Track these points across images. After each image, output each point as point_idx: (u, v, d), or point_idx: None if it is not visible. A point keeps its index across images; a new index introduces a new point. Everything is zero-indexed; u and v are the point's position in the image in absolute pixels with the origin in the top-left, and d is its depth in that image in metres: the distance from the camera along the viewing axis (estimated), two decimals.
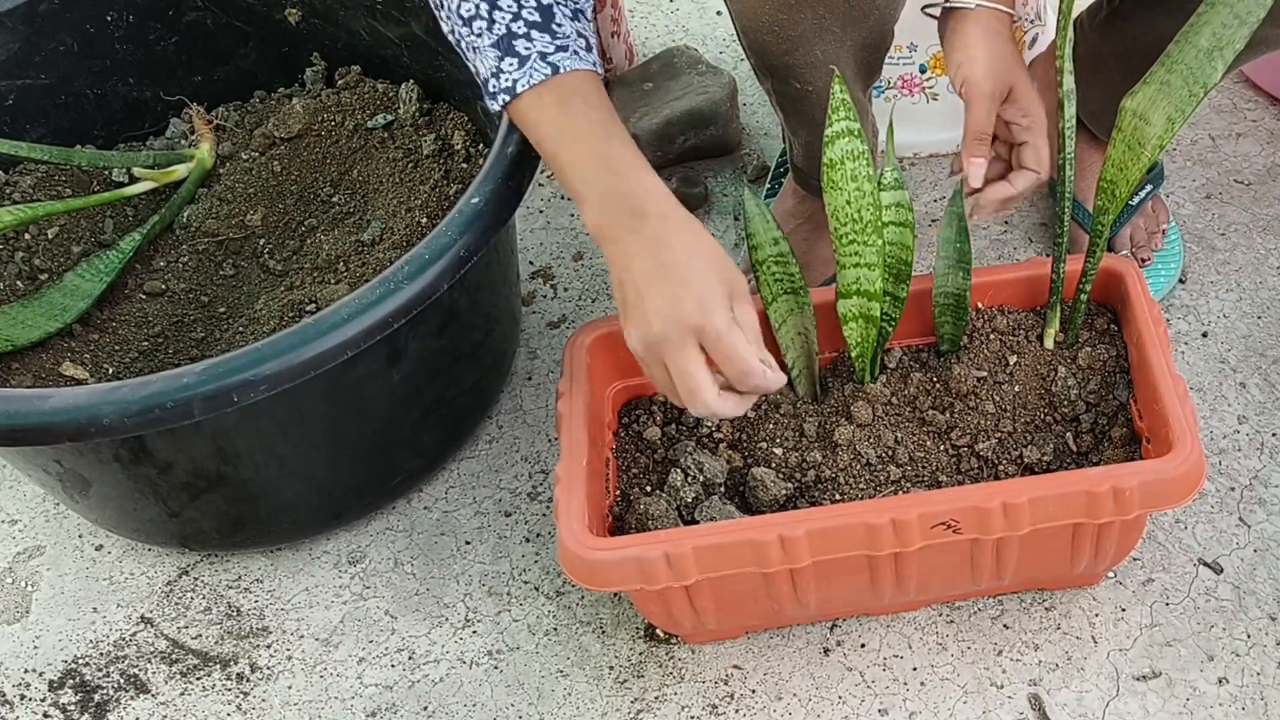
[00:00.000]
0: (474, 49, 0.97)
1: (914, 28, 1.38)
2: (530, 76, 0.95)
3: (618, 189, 0.94)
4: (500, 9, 0.95)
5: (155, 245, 1.39)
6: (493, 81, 0.96)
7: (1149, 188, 1.34)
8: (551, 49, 0.95)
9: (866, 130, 1.20)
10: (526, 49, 0.95)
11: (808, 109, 1.14)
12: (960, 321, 1.09)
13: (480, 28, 0.95)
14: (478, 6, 0.95)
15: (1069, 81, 1.01)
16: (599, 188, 0.94)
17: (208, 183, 1.44)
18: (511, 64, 0.95)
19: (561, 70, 0.95)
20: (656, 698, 1.11)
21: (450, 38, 0.99)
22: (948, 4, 1.03)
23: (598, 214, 0.94)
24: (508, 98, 0.96)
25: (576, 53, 0.96)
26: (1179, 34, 0.95)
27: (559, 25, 0.96)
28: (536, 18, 0.95)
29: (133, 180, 1.41)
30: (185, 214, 1.41)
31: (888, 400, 1.09)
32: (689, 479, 1.06)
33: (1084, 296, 1.07)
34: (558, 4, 0.96)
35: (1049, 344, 1.09)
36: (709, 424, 1.11)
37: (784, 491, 1.05)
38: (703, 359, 0.91)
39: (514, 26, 0.95)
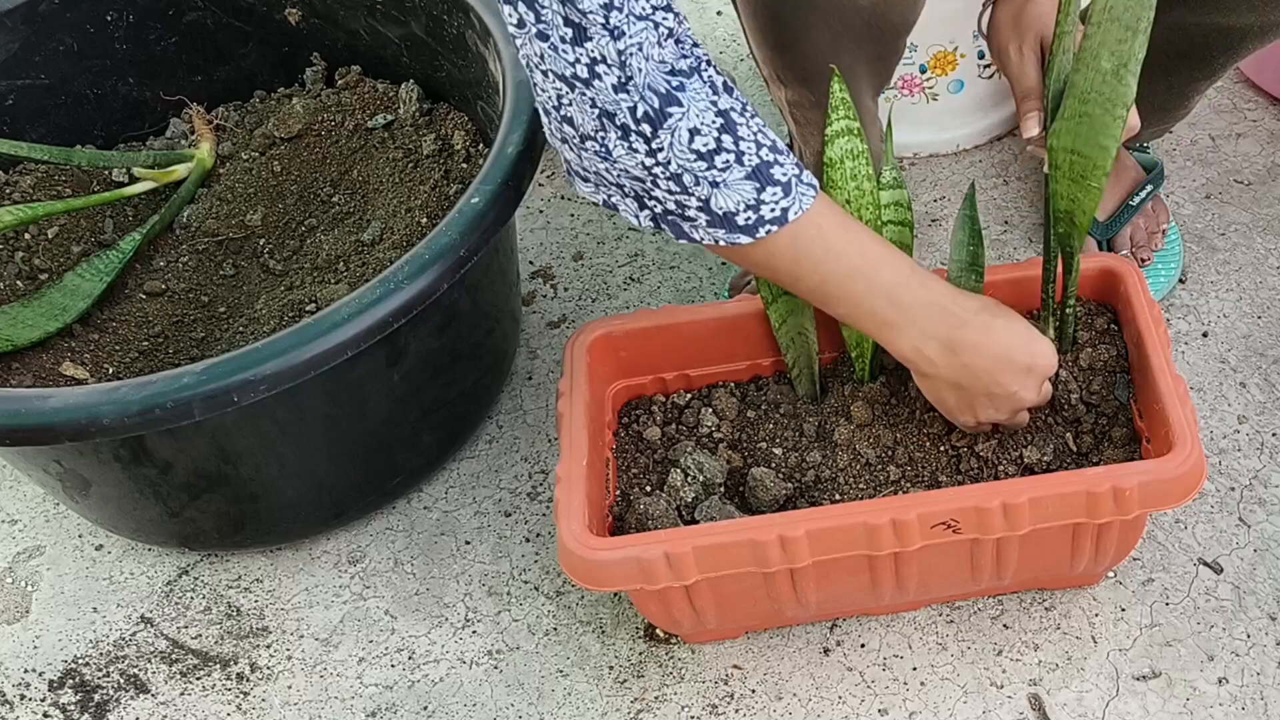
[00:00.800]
0: (715, 183, 0.87)
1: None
2: (800, 203, 0.89)
3: (939, 293, 0.95)
4: (743, 139, 0.86)
5: (155, 245, 1.39)
6: (747, 214, 0.88)
7: (1149, 188, 1.34)
8: (799, 169, 0.89)
9: (873, 135, 1.21)
10: (784, 175, 0.88)
11: (818, 118, 1.14)
12: None
13: (727, 160, 0.86)
14: (718, 140, 0.85)
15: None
16: (920, 297, 0.94)
17: (208, 183, 1.44)
18: (775, 193, 0.88)
19: (818, 190, 0.91)
20: (656, 698, 1.11)
21: (661, 170, 0.86)
22: None
23: (919, 325, 0.95)
24: (776, 227, 0.89)
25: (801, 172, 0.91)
26: (1076, 60, 0.93)
27: (780, 147, 0.90)
28: (773, 139, 0.89)
29: (133, 180, 1.41)
30: (185, 214, 1.41)
31: (887, 400, 1.09)
32: (689, 479, 1.06)
33: (1070, 310, 1.07)
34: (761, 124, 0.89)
35: None
36: (709, 424, 1.11)
37: (784, 491, 1.05)
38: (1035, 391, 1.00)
39: (763, 155, 0.87)
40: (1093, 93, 0.92)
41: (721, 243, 0.90)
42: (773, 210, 0.88)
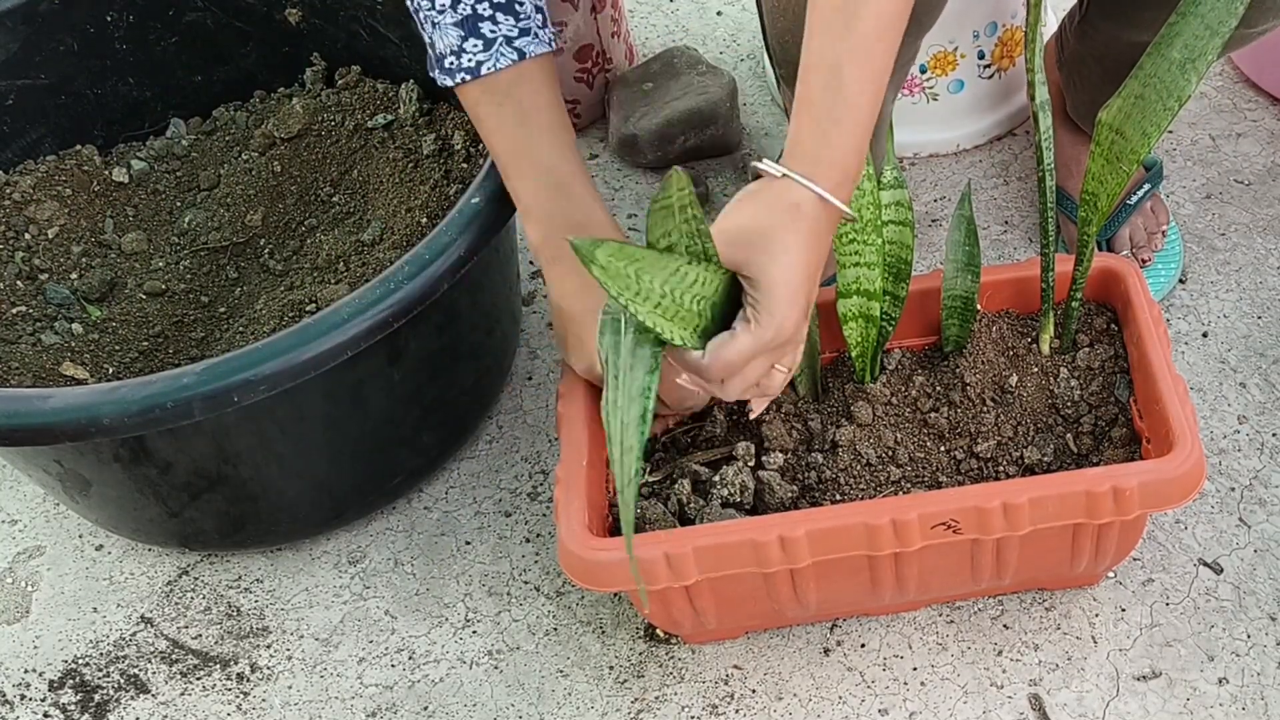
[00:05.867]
0: (434, 24, 0.99)
1: None
2: (496, 61, 0.97)
3: (568, 217, 0.99)
4: None
5: (155, 245, 1.39)
6: (451, 59, 0.99)
7: (1147, 187, 1.34)
8: (515, 32, 0.97)
9: (879, 138, 1.21)
10: (493, 32, 0.97)
11: None
12: (967, 324, 1.09)
13: (444, 4, 0.98)
14: None
15: (1042, 93, 1.01)
16: (547, 209, 0.99)
17: (208, 183, 1.44)
18: (476, 45, 0.97)
19: (527, 56, 0.98)
20: (656, 698, 1.11)
21: (409, 4, 1.01)
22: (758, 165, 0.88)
23: (543, 236, 1.00)
24: (469, 77, 0.99)
25: (536, 34, 0.98)
26: (1151, 45, 0.93)
27: (521, 5, 0.98)
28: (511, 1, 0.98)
29: (133, 180, 1.41)
30: (186, 215, 1.41)
31: (888, 400, 1.09)
32: (692, 485, 1.06)
33: (1076, 304, 1.07)
34: None
35: (1044, 349, 1.09)
36: (709, 427, 1.11)
37: (790, 494, 1.05)
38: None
39: (479, 8, 0.97)
40: (1155, 78, 0.93)
41: (441, 82, 1.00)
42: (470, 59, 0.98)
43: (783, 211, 0.84)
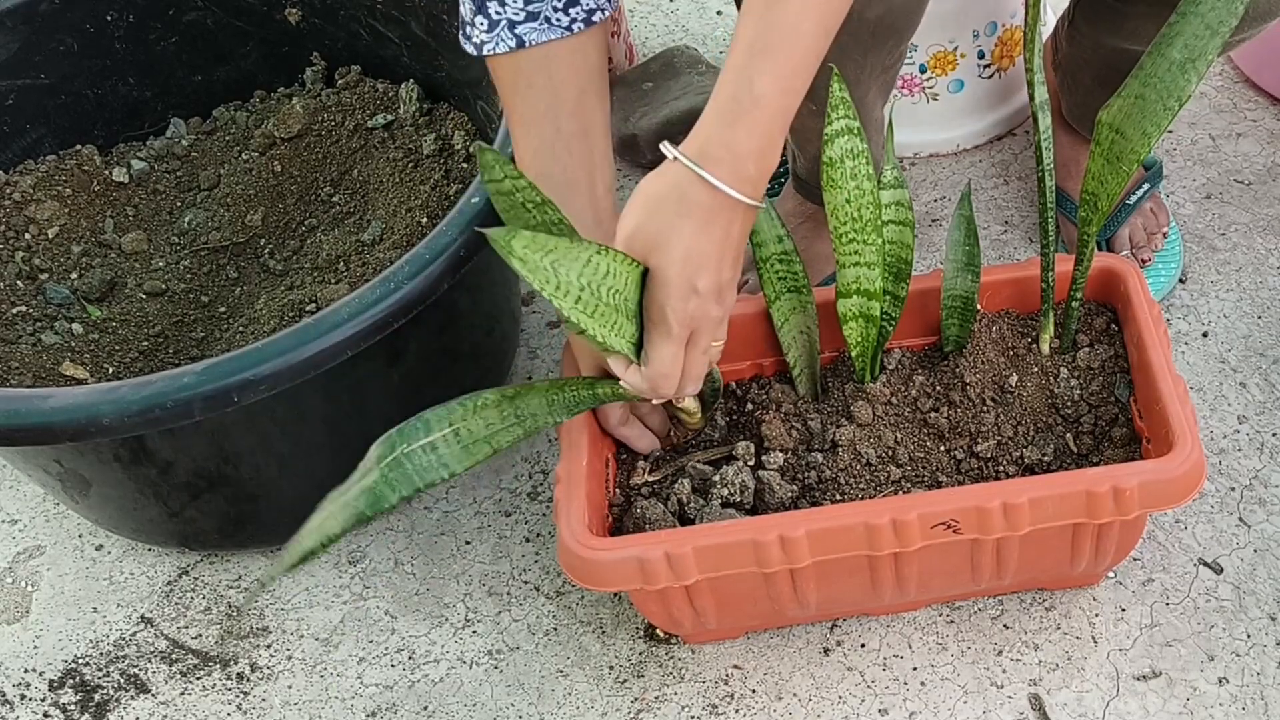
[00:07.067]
0: None
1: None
2: (495, 45, 0.92)
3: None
4: None
5: (155, 245, 1.39)
6: (467, 28, 0.93)
7: (1147, 187, 1.34)
8: (522, 16, 0.91)
9: (877, 140, 1.21)
10: (498, 13, 0.91)
11: (819, 126, 1.14)
12: (967, 324, 1.09)
13: None
14: None
15: (1041, 93, 1.01)
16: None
17: (208, 183, 1.44)
18: (482, 24, 0.91)
19: (527, 44, 0.91)
20: (656, 698, 1.11)
21: None
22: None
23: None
24: (475, 53, 0.94)
25: (549, 19, 0.91)
26: (1151, 45, 0.93)
27: None
28: None
29: (133, 180, 1.41)
30: (186, 215, 1.41)
31: (888, 400, 1.09)
32: (692, 484, 1.06)
33: (1076, 304, 1.07)
34: None
35: (1044, 349, 1.09)
36: (710, 431, 1.11)
37: (790, 494, 1.05)
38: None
39: None
40: (1155, 78, 0.93)
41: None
42: (480, 36, 0.92)
43: (675, 200, 0.83)
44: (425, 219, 1.30)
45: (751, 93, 0.80)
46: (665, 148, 0.84)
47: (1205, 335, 1.30)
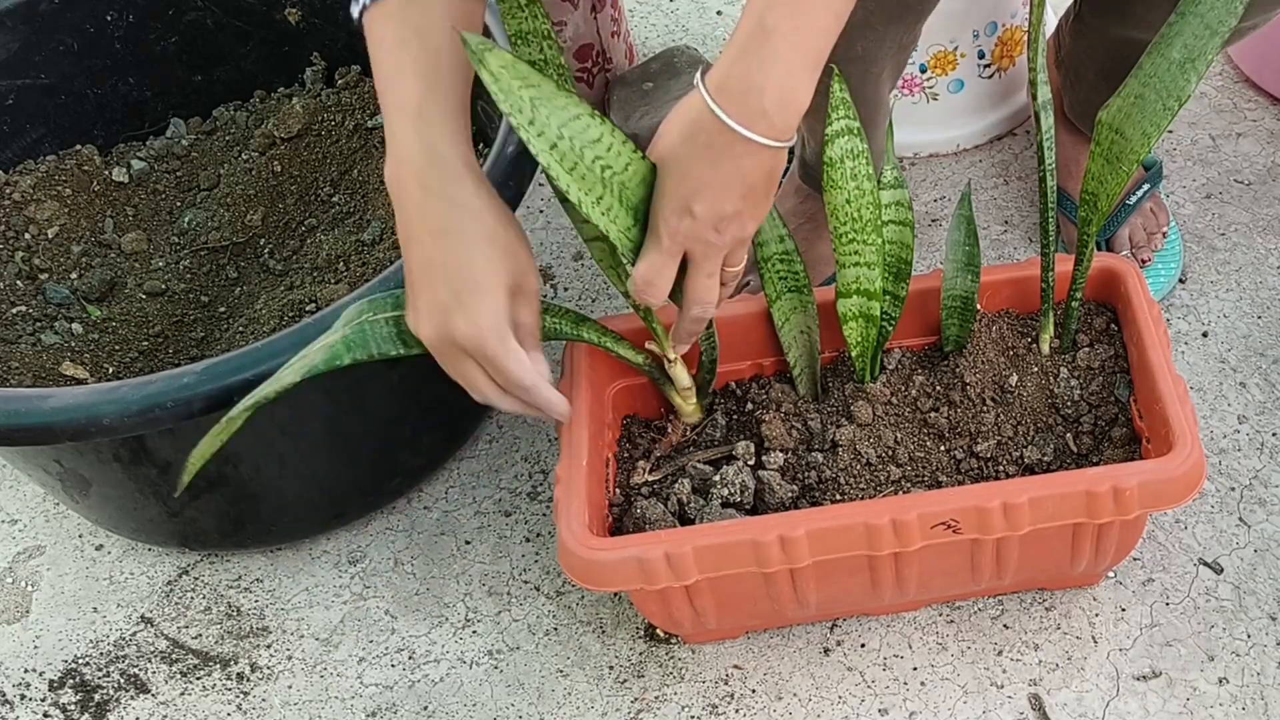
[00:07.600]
0: None
1: None
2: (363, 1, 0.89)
3: (423, 150, 0.89)
4: None
5: (155, 245, 1.39)
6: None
7: (1146, 187, 1.34)
8: None
9: (881, 129, 1.20)
10: None
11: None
12: (967, 324, 1.09)
13: None
14: None
15: (1044, 93, 1.01)
16: (402, 139, 0.90)
17: (208, 183, 1.44)
18: None
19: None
20: (656, 698, 1.11)
21: None
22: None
23: (394, 167, 0.90)
24: (355, 11, 0.91)
25: None
26: (1151, 45, 0.93)
27: None
28: None
29: (132, 180, 1.41)
30: (186, 215, 1.41)
31: (888, 400, 1.09)
32: (692, 484, 1.06)
33: (1076, 304, 1.07)
34: None
35: (1044, 349, 1.09)
36: (710, 430, 1.11)
37: (790, 494, 1.05)
38: (480, 370, 0.91)
39: None
40: (1154, 79, 0.93)
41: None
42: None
43: (688, 124, 0.84)
44: None
45: (762, 26, 0.80)
46: (697, 78, 0.84)
47: (1205, 335, 1.30)
